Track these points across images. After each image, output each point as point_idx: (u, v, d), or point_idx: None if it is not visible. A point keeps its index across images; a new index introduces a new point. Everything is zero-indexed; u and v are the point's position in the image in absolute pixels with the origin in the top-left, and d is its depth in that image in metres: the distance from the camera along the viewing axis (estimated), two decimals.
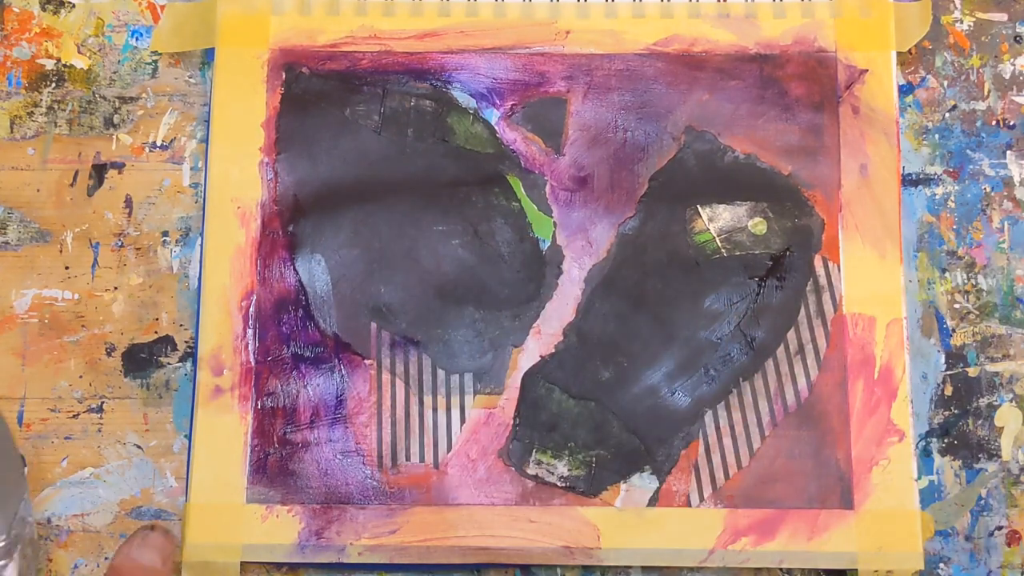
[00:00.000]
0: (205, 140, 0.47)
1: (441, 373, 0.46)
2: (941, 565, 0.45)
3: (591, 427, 0.45)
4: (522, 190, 0.47)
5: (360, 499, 0.44)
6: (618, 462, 0.45)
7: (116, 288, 0.48)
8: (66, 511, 0.46)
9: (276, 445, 0.45)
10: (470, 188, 0.46)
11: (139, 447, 0.47)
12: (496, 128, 0.47)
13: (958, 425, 0.47)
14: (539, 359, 0.46)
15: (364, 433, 0.45)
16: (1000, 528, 0.45)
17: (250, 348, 0.45)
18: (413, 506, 0.44)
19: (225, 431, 0.45)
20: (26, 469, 0.45)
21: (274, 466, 0.45)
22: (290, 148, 0.47)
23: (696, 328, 0.46)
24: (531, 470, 0.45)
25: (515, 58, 0.48)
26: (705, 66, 0.47)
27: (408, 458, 0.45)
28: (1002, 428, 0.46)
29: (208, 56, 0.48)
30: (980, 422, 0.47)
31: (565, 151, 0.47)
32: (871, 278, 0.46)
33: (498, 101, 0.47)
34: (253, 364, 0.45)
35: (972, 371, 0.47)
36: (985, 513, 0.45)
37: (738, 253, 0.46)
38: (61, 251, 0.48)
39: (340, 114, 0.47)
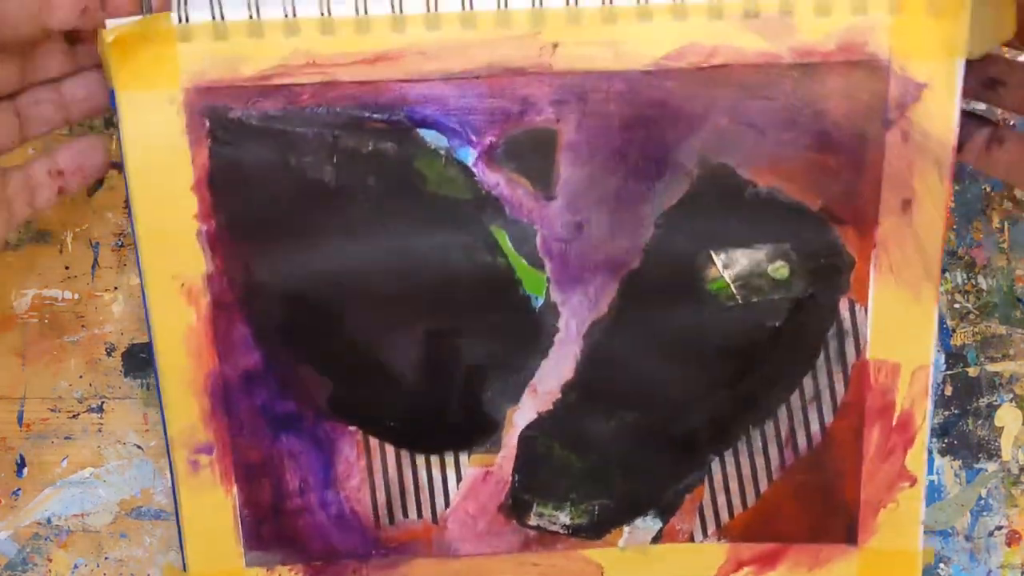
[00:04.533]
0: (128, 207, 0.42)
1: (431, 436, 0.46)
2: (941, 565, 0.49)
3: (593, 479, 0.47)
4: (508, 244, 0.43)
5: (361, 555, 0.47)
6: (621, 508, 0.48)
7: (116, 288, 0.50)
8: (66, 511, 0.51)
9: (268, 514, 0.47)
10: (448, 246, 0.43)
11: (139, 447, 0.50)
12: (474, 170, 0.43)
13: (958, 425, 0.50)
14: (536, 416, 0.46)
15: (357, 497, 0.47)
16: (1000, 528, 0.49)
17: (224, 424, 0.45)
18: (415, 557, 0.47)
19: (212, 505, 0.47)
20: None
21: (269, 533, 0.47)
22: (231, 211, 0.43)
23: (705, 379, 0.45)
24: (533, 522, 0.47)
25: (491, 82, 0.41)
26: (726, 82, 0.41)
27: (406, 515, 0.47)
28: (1002, 428, 0.50)
29: (110, 100, 0.41)
30: (980, 422, 0.50)
31: (556, 193, 0.43)
32: (901, 323, 0.45)
33: (474, 137, 0.42)
34: (230, 438, 0.45)
35: (972, 371, 0.50)
36: (985, 513, 0.49)
37: (755, 300, 0.44)
38: (61, 251, 0.49)
39: (285, 166, 0.42)
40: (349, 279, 0.44)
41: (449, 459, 0.47)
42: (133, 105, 0.41)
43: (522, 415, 0.46)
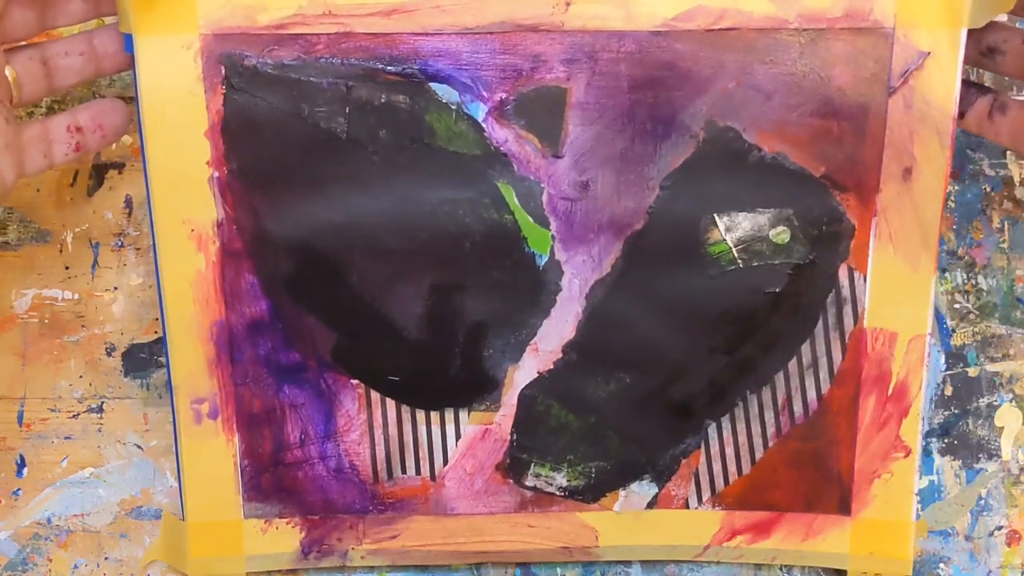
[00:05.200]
0: (142, 152, 0.43)
1: (432, 392, 0.46)
2: (941, 565, 0.50)
3: (591, 441, 0.47)
4: (515, 200, 0.44)
5: (359, 509, 0.47)
6: (618, 471, 0.48)
7: (116, 288, 0.50)
8: (66, 511, 0.51)
9: (268, 465, 0.47)
10: (456, 199, 0.43)
11: (139, 447, 0.51)
12: (484, 126, 0.44)
13: (958, 425, 0.50)
14: (536, 375, 0.46)
15: (357, 451, 0.47)
16: (1000, 528, 0.50)
17: (228, 373, 0.45)
18: (412, 515, 0.48)
19: (213, 455, 0.47)
20: None
21: (268, 485, 0.47)
22: (243, 159, 0.44)
23: (705, 343, 0.46)
24: (530, 482, 0.48)
25: (503, 38, 0.42)
26: (734, 46, 0.42)
27: (404, 471, 0.47)
28: (1002, 428, 0.50)
29: (127, 44, 0.42)
30: (980, 422, 0.50)
31: (564, 152, 0.44)
32: (899, 292, 0.45)
33: (485, 93, 0.43)
34: (233, 387, 0.46)
35: (972, 371, 0.50)
36: (985, 513, 0.49)
37: (755, 264, 0.45)
38: (61, 251, 0.50)
39: (297, 116, 0.43)
40: (357, 231, 0.45)
41: (449, 416, 0.48)
42: (150, 50, 0.42)
43: (523, 374, 0.47)
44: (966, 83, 0.43)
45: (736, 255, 0.45)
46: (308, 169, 0.44)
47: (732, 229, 0.45)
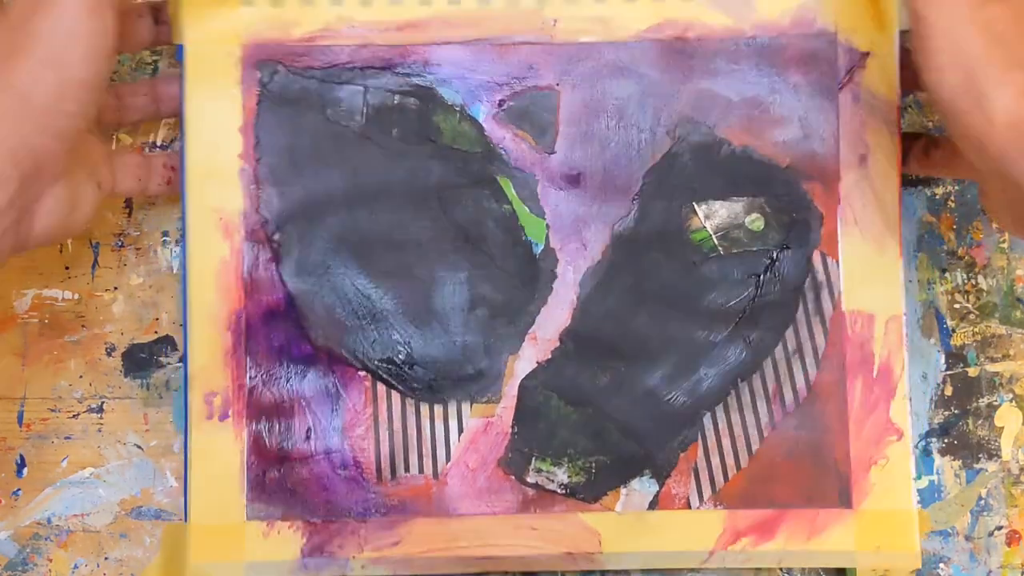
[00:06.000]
0: (180, 146, 0.48)
1: (437, 382, 0.48)
2: (941, 565, 0.49)
3: (590, 433, 0.48)
4: (513, 191, 0.49)
5: (361, 512, 0.48)
6: (617, 467, 0.49)
7: (116, 288, 0.52)
8: (66, 511, 0.51)
9: (274, 461, 0.48)
10: (460, 191, 0.48)
11: (139, 447, 0.51)
12: (484, 126, 0.49)
13: (958, 425, 0.51)
14: (536, 365, 0.49)
15: (362, 446, 0.48)
16: (1000, 528, 0.49)
17: (242, 364, 0.47)
18: (414, 517, 0.48)
19: (221, 450, 0.48)
20: None
21: (273, 482, 0.48)
22: (271, 153, 0.49)
23: (693, 329, 0.49)
24: (531, 478, 0.48)
25: (502, 49, 0.49)
26: (700, 53, 0.49)
27: (407, 469, 0.48)
28: (1002, 428, 0.51)
29: (178, 54, 0.48)
30: (980, 422, 0.51)
31: (556, 148, 0.49)
32: (870, 274, 0.49)
33: (485, 97, 0.49)
34: (246, 381, 0.48)
35: (972, 371, 0.51)
36: (985, 513, 0.50)
37: (735, 251, 0.49)
38: (61, 251, 0.52)
39: (321, 115, 0.49)
40: (370, 223, 0.49)
41: (452, 410, 0.49)
42: (197, 57, 0.49)
43: (522, 364, 0.49)
44: (905, 135, 0.49)
45: (716, 242, 0.49)
46: (329, 164, 0.49)
47: (711, 217, 0.49)
